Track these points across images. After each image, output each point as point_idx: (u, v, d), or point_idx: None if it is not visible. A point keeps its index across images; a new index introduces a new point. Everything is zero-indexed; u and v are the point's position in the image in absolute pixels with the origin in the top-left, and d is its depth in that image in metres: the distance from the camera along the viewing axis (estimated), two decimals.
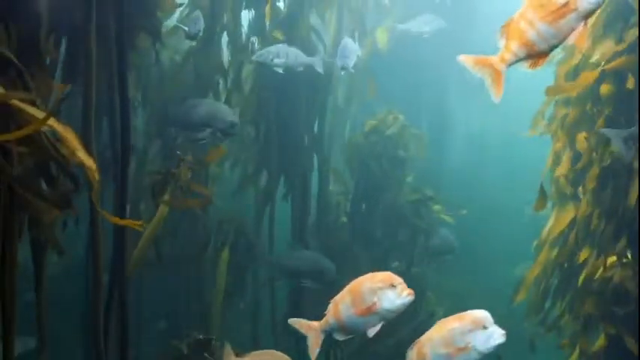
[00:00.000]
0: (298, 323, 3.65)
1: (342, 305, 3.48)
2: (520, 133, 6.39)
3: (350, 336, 3.56)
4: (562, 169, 5.51)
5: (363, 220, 7.91)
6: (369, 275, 3.52)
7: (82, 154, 3.38)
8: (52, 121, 3.30)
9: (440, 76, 10.20)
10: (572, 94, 5.27)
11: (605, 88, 4.94)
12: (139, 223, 4.06)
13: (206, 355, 5.81)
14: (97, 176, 3.44)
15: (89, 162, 3.41)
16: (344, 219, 8.06)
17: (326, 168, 7.57)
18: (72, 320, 6.42)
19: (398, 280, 3.44)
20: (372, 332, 3.47)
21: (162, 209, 5.67)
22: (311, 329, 3.60)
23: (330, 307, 3.53)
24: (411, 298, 3.43)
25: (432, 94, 10.54)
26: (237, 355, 4.25)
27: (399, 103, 8.39)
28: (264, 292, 7.47)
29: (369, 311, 3.43)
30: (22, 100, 3.28)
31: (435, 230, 8.03)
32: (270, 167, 7.36)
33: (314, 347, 3.60)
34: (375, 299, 3.41)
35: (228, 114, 5.93)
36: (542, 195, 5.51)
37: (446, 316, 3.41)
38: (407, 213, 7.80)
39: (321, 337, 3.57)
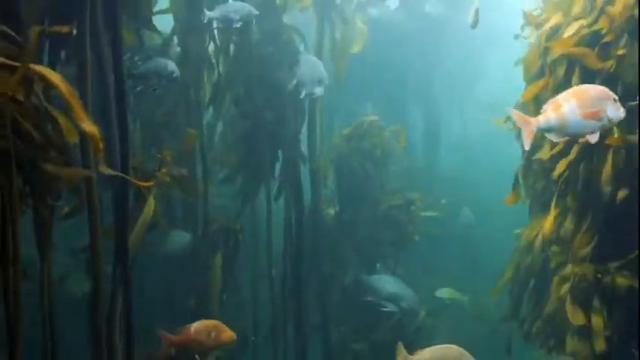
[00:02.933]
0: (517, 114, 3.85)
1: (566, 106, 3.69)
2: (499, 127, 6.49)
3: (564, 138, 3.84)
4: (538, 163, 5.58)
5: (350, 220, 8.11)
6: (591, 86, 3.85)
7: (87, 125, 3.39)
8: (57, 79, 3.33)
9: (425, 74, 10.33)
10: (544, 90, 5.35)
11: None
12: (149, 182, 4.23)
13: (196, 357, 5.98)
14: (101, 145, 3.47)
15: (94, 130, 3.41)
16: (331, 216, 8.23)
17: (315, 171, 7.68)
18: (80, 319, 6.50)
19: (615, 96, 3.74)
20: (593, 138, 3.74)
21: (149, 204, 5.73)
22: (528, 123, 3.78)
23: (549, 106, 3.73)
24: (624, 114, 3.73)
25: (417, 91, 10.66)
26: (410, 354, 4.44)
27: (383, 103, 8.50)
28: (264, 290, 7.57)
29: (595, 116, 3.69)
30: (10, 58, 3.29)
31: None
32: (260, 170, 7.44)
33: (527, 140, 3.80)
34: (603, 106, 3.68)
35: (171, 65, 6.16)
36: (516, 188, 5.69)
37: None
38: (392, 213, 8.00)
39: (534, 132, 3.76)
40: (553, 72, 5.19)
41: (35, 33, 3.60)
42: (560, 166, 5.08)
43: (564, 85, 5.07)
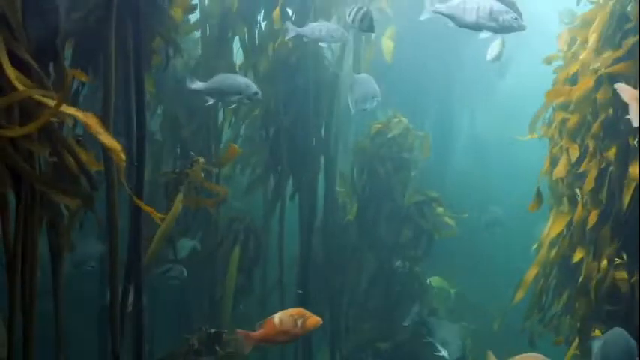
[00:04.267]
0: (623, 89, 3.87)
1: None
2: (518, 137, 6.56)
3: None
4: (559, 172, 5.64)
5: (369, 220, 8.16)
6: None
7: (105, 138, 3.38)
8: (72, 110, 3.33)
9: (444, 79, 10.41)
10: (571, 98, 5.45)
11: (602, 94, 5.12)
12: (160, 216, 4.08)
13: (217, 347, 6.05)
14: (123, 157, 3.45)
15: (114, 144, 3.42)
16: (350, 218, 8.29)
17: (332, 170, 7.76)
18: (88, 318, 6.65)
19: None
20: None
21: (176, 207, 5.84)
22: (635, 98, 3.81)
23: None
24: None
25: (435, 97, 10.73)
26: None
27: (402, 106, 8.58)
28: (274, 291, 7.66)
29: None
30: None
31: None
32: (279, 169, 7.57)
33: (634, 115, 3.82)
34: None
35: (252, 85, 6.23)
36: (538, 197, 5.73)
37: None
38: (411, 214, 8.07)
39: None
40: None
41: (68, 76, 3.56)
42: (587, 185, 5.20)
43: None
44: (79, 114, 3.36)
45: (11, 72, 3.18)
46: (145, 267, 5.09)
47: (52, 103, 3.23)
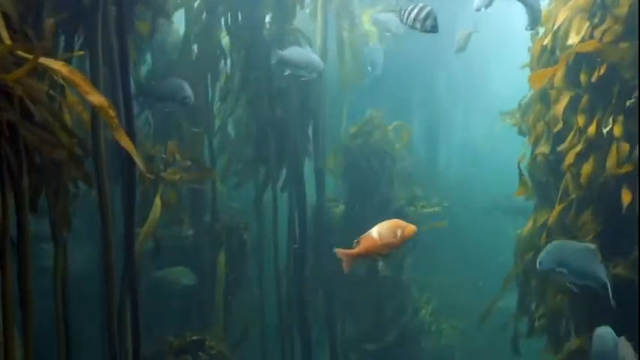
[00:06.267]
0: None
1: None
2: (500, 126, 6.65)
3: None
4: (542, 156, 5.68)
5: (357, 215, 8.29)
6: None
7: (93, 96, 3.41)
8: (57, 64, 3.38)
9: (430, 75, 10.43)
10: (554, 79, 5.42)
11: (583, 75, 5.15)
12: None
13: (200, 354, 6.07)
14: (112, 113, 3.47)
15: (102, 101, 3.44)
16: (338, 213, 8.43)
17: (321, 167, 7.76)
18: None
19: None
20: None
21: (156, 203, 5.84)
22: None
23: None
24: None
25: (423, 95, 10.74)
26: None
27: (388, 103, 8.60)
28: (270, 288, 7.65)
29: None
30: (26, 51, 3.36)
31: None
32: (267, 164, 7.55)
33: None
34: None
35: (187, 90, 6.30)
36: (523, 182, 5.79)
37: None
38: (398, 209, 8.19)
39: None
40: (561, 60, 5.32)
41: (49, 26, 3.78)
42: (569, 158, 5.19)
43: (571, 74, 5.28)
44: (64, 69, 3.40)
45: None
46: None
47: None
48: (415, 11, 4.88)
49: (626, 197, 4.82)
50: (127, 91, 4.82)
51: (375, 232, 4.19)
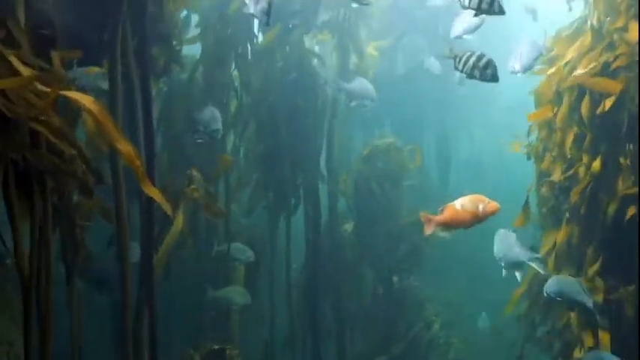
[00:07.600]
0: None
1: None
2: (508, 152, 6.82)
3: None
4: (549, 184, 5.90)
5: (367, 237, 8.45)
6: None
7: (122, 145, 3.36)
8: (77, 94, 3.32)
9: (441, 98, 10.62)
10: (554, 115, 5.69)
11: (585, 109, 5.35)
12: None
13: None
14: (138, 162, 3.42)
15: (129, 150, 3.38)
16: (348, 232, 8.59)
17: (334, 190, 8.06)
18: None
19: None
20: None
21: (178, 221, 6.01)
22: None
23: None
24: None
25: (432, 115, 10.94)
26: None
27: (399, 126, 8.79)
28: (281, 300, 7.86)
29: None
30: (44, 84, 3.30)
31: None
32: (281, 186, 7.79)
33: None
34: None
35: (218, 122, 6.46)
36: (525, 210, 5.98)
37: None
38: (407, 230, 8.32)
39: None
40: (565, 97, 5.57)
41: (56, 59, 3.68)
42: (574, 195, 5.45)
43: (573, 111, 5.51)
44: (84, 99, 3.32)
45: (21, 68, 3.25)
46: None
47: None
48: (473, 59, 4.73)
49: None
50: (148, 128, 4.85)
51: (458, 203, 4.25)
